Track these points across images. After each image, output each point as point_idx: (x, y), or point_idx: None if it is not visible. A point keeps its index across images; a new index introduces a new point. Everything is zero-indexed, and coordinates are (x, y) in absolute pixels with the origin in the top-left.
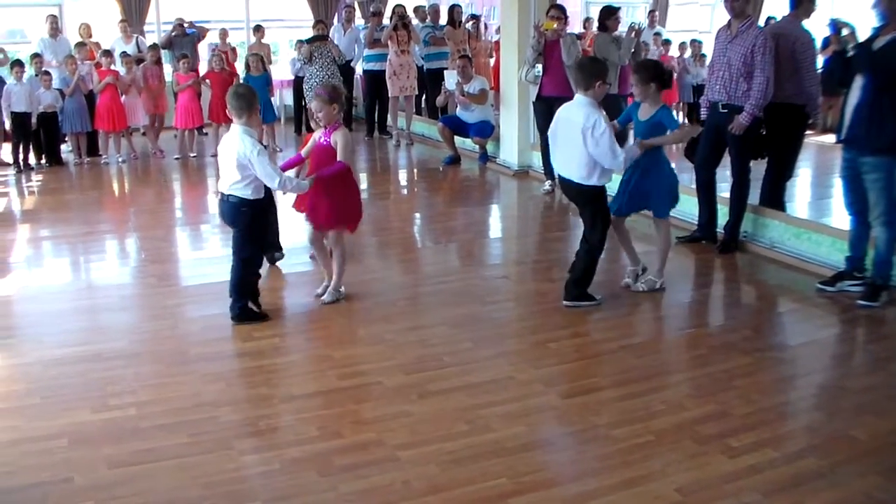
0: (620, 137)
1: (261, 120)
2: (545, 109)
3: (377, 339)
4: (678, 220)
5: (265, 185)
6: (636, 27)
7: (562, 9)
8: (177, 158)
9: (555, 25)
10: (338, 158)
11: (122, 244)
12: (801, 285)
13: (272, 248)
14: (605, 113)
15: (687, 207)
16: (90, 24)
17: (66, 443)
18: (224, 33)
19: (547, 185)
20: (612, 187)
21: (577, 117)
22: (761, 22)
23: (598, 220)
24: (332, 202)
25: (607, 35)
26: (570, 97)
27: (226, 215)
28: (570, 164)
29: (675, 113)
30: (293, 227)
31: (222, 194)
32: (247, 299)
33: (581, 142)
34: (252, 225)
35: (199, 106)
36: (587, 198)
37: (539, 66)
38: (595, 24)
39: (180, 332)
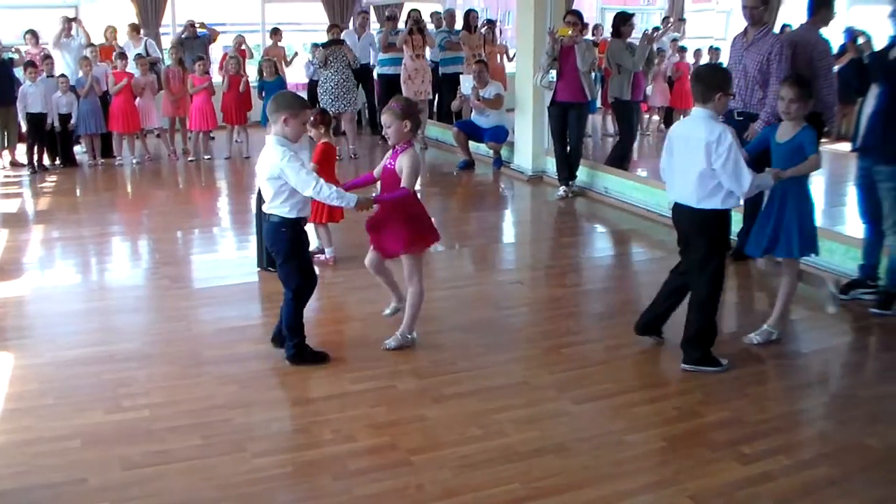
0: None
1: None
2: (559, 114)
3: None
4: None
5: (305, 202)
6: (649, 34)
7: (578, 15)
8: (191, 161)
9: (570, 32)
10: (402, 184)
11: (135, 246)
12: (814, 293)
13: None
14: (732, 129)
15: None
16: (116, 26)
17: (80, 444)
18: (240, 40)
19: (561, 190)
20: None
21: (698, 132)
22: (777, 29)
23: (714, 256)
24: (400, 226)
25: (621, 41)
26: (584, 102)
27: (267, 237)
28: (687, 185)
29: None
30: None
31: (264, 213)
32: (302, 336)
33: (702, 158)
34: (293, 249)
35: (213, 108)
36: (703, 224)
37: (553, 72)
38: (608, 30)
39: (193, 334)
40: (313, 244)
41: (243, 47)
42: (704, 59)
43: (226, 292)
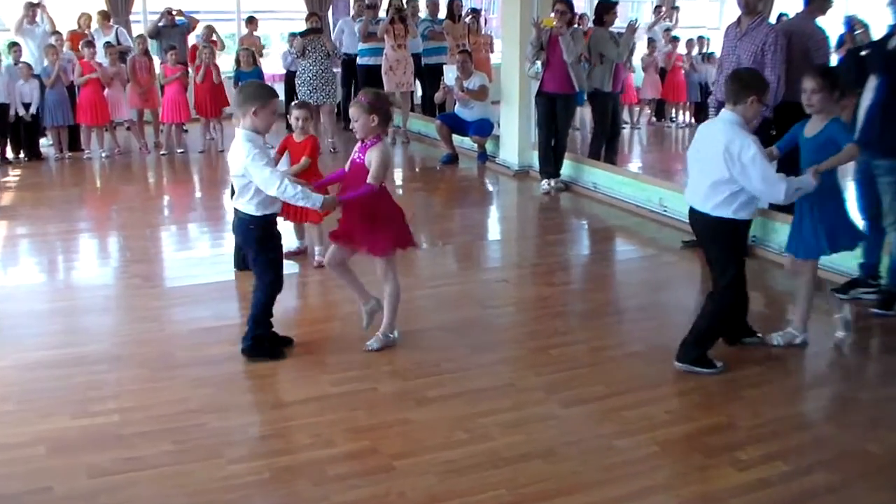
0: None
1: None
2: (546, 105)
3: None
4: (684, 223)
5: (274, 199)
6: (634, 24)
7: (568, 3)
8: (163, 154)
9: (555, 22)
10: (368, 180)
11: (104, 243)
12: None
13: None
14: (755, 137)
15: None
16: (90, 14)
17: (44, 450)
18: (210, 30)
19: (544, 184)
20: None
21: (718, 136)
22: (773, 19)
23: (731, 265)
24: (374, 226)
25: (604, 30)
26: (571, 93)
27: (236, 232)
28: (700, 189)
29: (680, 115)
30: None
31: (235, 209)
32: (262, 330)
33: (719, 165)
34: (263, 246)
35: (186, 100)
36: (716, 232)
37: (539, 63)
38: (591, 19)
39: (166, 335)
40: (294, 243)
41: (214, 38)
42: (696, 50)
43: (200, 291)
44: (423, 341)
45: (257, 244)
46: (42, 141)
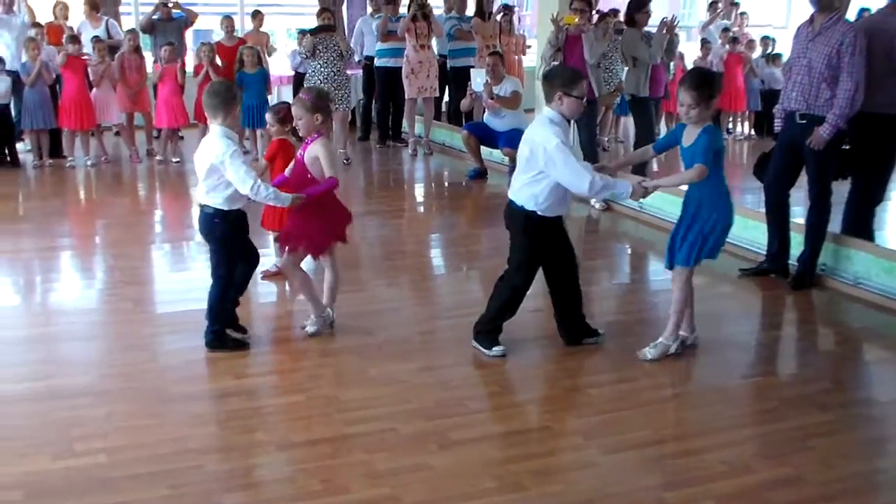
0: (640, 168)
1: (240, 121)
2: None
3: (390, 380)
4: (743, 248)
5: (242, 195)
6: (668, 22)
7: (587, 0)
8: (160, 162)
9: (576, 19)
10: (326, 173)
11: (89, 262)
12: (892, 329)
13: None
14: (562, 128)
15: (754, 234)
16: (67, 3)
17: (21, 496)
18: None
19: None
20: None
21: (528, 132)
22: (851, 16)
23: (525, 263)
24: (320, 223)
25: (636, 31)
26: (590, 99)
27: (201, 227)
28: (513, 180)
29: (738, 126)
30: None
31: (200, 205)
32: (223, 324)
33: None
34: (227, 239)
35: (183, 103)
36: (518, 225)
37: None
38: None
39: (159, 366)
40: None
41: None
42: (758, 52)
43: (197, 317)
44: (446, 377)
45: (221, 239)
46: (19, 146)
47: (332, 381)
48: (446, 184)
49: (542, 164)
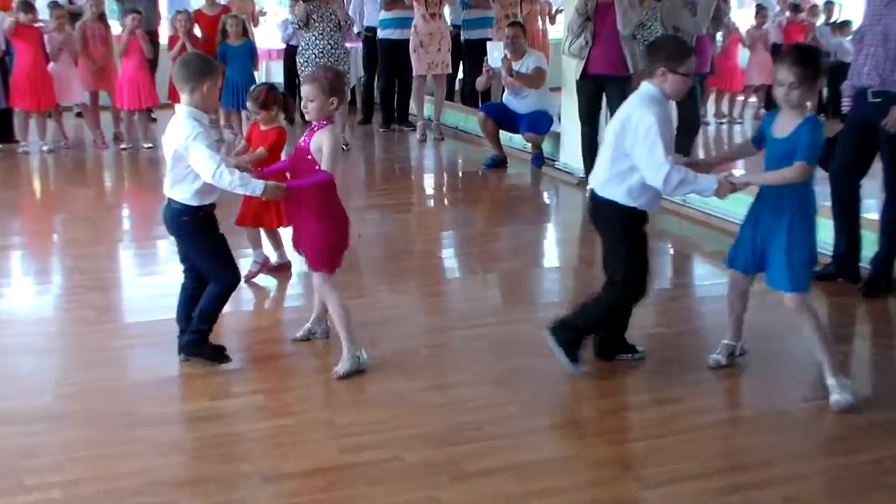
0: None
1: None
2: (591, 90)
3: (394, 400)
4: None
5: (213, 188)
6: None
7: None
8: (124, 149)
9: None
10: (323, 167)
11: (45, 264)
12: None
13: None
14: (663, 108)
15: (819, 232)
16: None
17: None
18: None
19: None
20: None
21: (624, 107)
22: None
23: (632, 260)
24: (320, 227)
25: None
26: (624, 76)
27: (168, 224)
28: (598, 166)
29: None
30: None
31: (167, 199)
32: (210, 326)
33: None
34: (201, 240)
35: (152, 79)
36: (609, 221)
37: (584, 37)
38: None
39: (126, 385)
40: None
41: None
42: (821, 20)
43: (171, 328)
44: (459, 397)
45: (192, 237)
46: None
47: (326, 402)
48: (460, 174)
49: (629, 145)
